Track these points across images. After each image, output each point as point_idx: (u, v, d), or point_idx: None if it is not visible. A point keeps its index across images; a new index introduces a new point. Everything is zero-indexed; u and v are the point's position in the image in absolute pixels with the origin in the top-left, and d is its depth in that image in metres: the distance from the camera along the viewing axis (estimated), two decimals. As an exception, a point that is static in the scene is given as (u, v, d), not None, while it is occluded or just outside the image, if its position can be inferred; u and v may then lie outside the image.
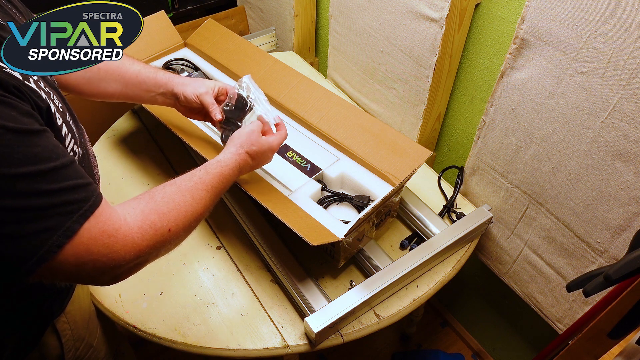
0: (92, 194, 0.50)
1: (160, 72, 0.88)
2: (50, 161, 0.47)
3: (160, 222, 0.57)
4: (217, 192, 0.69)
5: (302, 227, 0.80)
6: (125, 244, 0.52)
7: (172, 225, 0.58)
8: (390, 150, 0.98)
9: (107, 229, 0.51)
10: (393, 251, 1.01)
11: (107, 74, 0.84)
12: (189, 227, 0.62)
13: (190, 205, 0.62)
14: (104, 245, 0.50)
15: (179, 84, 0.87)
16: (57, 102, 0.57)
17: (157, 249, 0.56)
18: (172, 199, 0.60)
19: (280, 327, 0.87)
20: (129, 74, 0.85)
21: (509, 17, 0.97)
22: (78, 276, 0.51)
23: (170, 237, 0.58)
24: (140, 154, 1.21)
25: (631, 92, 0.71)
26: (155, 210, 0.57)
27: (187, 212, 0.61)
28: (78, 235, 0.48)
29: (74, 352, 0.79)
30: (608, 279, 0.59)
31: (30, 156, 0.45)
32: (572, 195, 0.88)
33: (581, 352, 0.70)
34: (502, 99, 0.93)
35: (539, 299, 1.06)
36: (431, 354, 1.54)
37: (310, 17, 1.54)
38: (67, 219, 0.47)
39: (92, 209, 0.50)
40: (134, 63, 0.87)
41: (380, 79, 1.25)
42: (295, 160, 1.02)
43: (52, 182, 0.47)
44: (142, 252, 0.54)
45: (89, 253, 0.49)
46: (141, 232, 0.54)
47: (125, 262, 0.53)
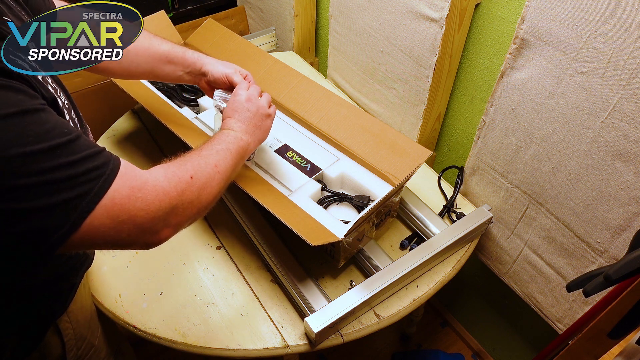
0: (109, 158, 0.52)
1: (188, 52, 0.91)
2: (64, 135, 0.48)
3: (180, 171, 0.60)
4: (227, 148, 0.72)
5: (302, 227, 0.80)
6: (157, 193, 0.55)
7: (192, 172, 0.62)
8: (390, 150, 0.98)
9: (136, 184, 0.53)
10: (393, 251, 1.01)
11: (137, 55, 0.85)
12: (209, 177, 0.64)
13: (204, 157, 0.66)
14: (138, 199, 0.53)
15: (207, 63, 0.90)
16: (63, 99, 0.58)
17: (186, 196, 0.59)
18: (184, 158, 0.65)
19: (280, 327, 0.87)
20: (158, 54, 0.87)
21: (509, 17, 0.97)
22: (119, 238, 0.53)
23: (194, 185, 0.61)
24: (140, 154, 1.21)
25: (631, 92, 0.71)
26: (172, 164, 0.62)
27: (200, 163, 0.65)
28: (109, 198, 0.50)
29: (76, 351, 0.80)
30: (608, 279, 0.59)
31: (42, 133, 0.46)
32: (572, 195, 0.88)
33: (581, 352, 0.70)
34: (502, 99, 0.93)
35: (539, 299, 1.06)
36: (431, 354, 1.54)
37: (310, 17, 1.54)
38: (94, 185, 0.49)
39: (115, 171, 0.52)
40: (162, 42, 0.88)
41: (380, 79, 1.25)
42: (295, 160, 1.02)
43: (71, 154, 0.48)
44: (173, 200, 0.57)
45: (125, 211, 0.51)
46: (167, 180, 0.57)
47: (162, 212, 0.55)
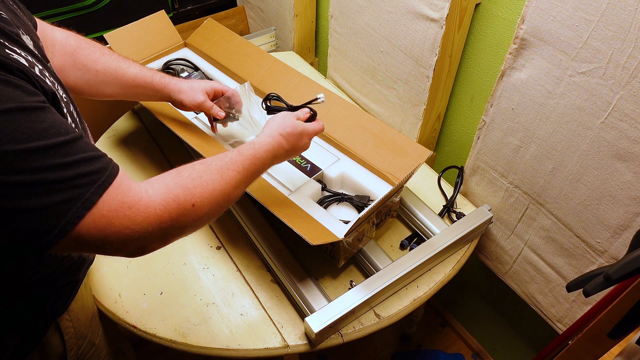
0: (107, 165, 0.51)
1: (156, 76, 0.91)
2: (60, 135, 0.47)
3: (184, 196, 0.56)
4: (249, 174, 0.68)
5: (302, 227, 0.80)
6: (147, 215, 0.52)
7: (196, 200, 0.57)
8: (390, 150, 0.98)
9: (127, 201, 0.51)
10: (393, 251, 1.01)
11: (105, 76, 0.85)
12: (216, 205, 0.61)
13: (219, 184, 0.61)
14: (125, 217, 0.50)
15: (175, 92, 0.90)
16: (61, 92, 0.58)
17: (181, 223, 0.56)
18: (199, 176, 0.59)
19: (280, 327, 0.87)
20: (126, 78, 0.87)
21: (509, 17, 0.97)
22: (104, 247, 0.51)
23: (195, 213, 0.57)
24: (140, 154, 1.21)
25: (631, 92, 0.71)
26: (180, 184, 0.57)
27: (215, 191, 0.60)
28: (98, 207, 0.48)
29: (76, 350, 0.79)
30: (608, 279, 0.59)
31: (38, 131, 0.45)
32: (572, 195, 0.88)
33: (581, 352, 0.70)
34: (502, 99, 0.93)
35: (539, 299, 1.06)
36: (431, 354, 1.54)
37: (310, 17, 1.54)
38: (86, 191, 0.48)
39: (110, 180, 0.50)
40: (130, 65, 0.88)
41: (380, 79, 1.25)
42: (295, 160, 1.02)
43: (65, 155, 0.47)
44: (164, 225, 0.54)
45: (111, 225, 0.50)
46: (163, 204, 0.54)
47: (149, 234, 0.53)
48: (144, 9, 1.58)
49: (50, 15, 1.41)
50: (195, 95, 0.90)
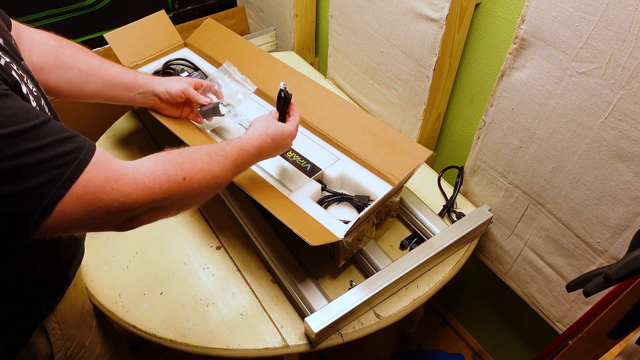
0: (83, 144, 0.51)
1: (139, 74, 0.94)
2: (29, 120, 0.47)
3: (174, 169, 0.58)
4: (237, 163, 0.71)
5: (302, 227, 0.80)
6: (136, 187, 0.53)
7: (186, 174, 0.59)
8: (390, 150, 0.98)
9: (113, 175, 0.51)
10: (393, 251, 1.01)
11: (88, 74, 0.86)
12: (204, 184, 0.62)
13: (208, 163, 0.64)
14: (113, 190, 0.51)
15: (158, 84, 0.94)
16: (30, 86, 0.57)
17: (172, 196, 0.57)
18: (188, 154, 0.62)
19: (280, 327, 0.87)
20: (109, 75, 0.89)
21: (509, 17, 0.97)
22: (92, 224, 0.52)
23: (185, 188, 0.59)
24: (140, 154, 1.20)
25: (631, 92, 0.71)
26: (169, 159, 0.59)
27: (204, 170, 0.62)
28: (80, 185, 0.48)
29: (64, 351, 0.78)
30: (608, 279, 0.59)
31: (6, 117, 0.45)
32: (572, 195, 0.88)
33: (581, 352, 0.70)
34: (502, 99, 0.93)
35: (539, 299, 1.06)
36: (431, 354, 1.54)
37: (310, 17, 1.54)
38: (64, 171, 0.48)
39: (88, 157, 0.50)
40: (113, 65, 0.90)
41: (380, 79, 1.25)
42: (295, 160, 1.02)
43: (37, 139, 0.47)
44: (154, 197, 0.55)
45: (98, 200, 0.50)
46: (153, 176, 0.55)
47: (139, 206, 0.53)
48: (144, 9, 1.58)
49: (50, 15, 1.41)
50: (179, 82, 0.95)
